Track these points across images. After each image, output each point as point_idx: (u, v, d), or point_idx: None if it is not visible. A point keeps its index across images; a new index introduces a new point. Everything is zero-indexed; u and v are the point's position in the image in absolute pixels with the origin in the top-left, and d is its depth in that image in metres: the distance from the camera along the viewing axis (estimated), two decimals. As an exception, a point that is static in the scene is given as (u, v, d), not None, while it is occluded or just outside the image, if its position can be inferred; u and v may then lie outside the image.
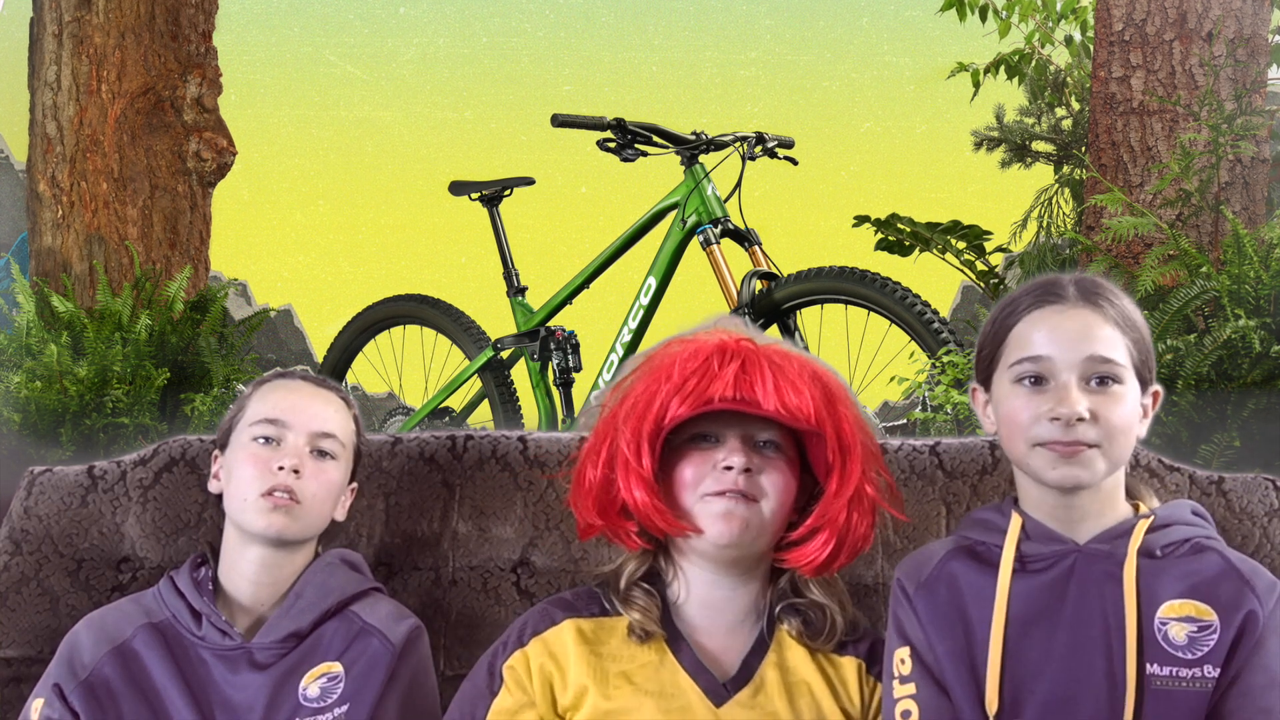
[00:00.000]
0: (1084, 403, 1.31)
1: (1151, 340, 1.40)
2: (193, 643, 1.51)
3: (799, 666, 1.39)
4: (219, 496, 1.58)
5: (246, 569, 1.54)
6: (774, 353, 1.38)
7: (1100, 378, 1.33)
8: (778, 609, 1.42)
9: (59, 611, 1.68)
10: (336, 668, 1.49)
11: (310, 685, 1.48)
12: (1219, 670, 1.29)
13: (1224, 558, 1.36)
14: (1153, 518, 1.37)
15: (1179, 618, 1.31)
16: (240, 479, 1.52)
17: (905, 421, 3.00)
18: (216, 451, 1.60)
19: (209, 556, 1.58)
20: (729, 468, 1.36)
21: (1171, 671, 1.30)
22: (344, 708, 1.46)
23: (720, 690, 1.37)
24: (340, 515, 1.60)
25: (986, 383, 1.43)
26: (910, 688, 1.36)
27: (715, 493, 1.36)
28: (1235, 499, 1.64)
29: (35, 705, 1.47)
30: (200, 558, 1.58)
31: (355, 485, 1.63)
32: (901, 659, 1.38)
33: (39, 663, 1.59)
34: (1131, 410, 1.35)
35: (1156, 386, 1.40)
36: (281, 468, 1.50)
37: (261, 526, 1.50)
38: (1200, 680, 1.29)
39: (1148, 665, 1.30)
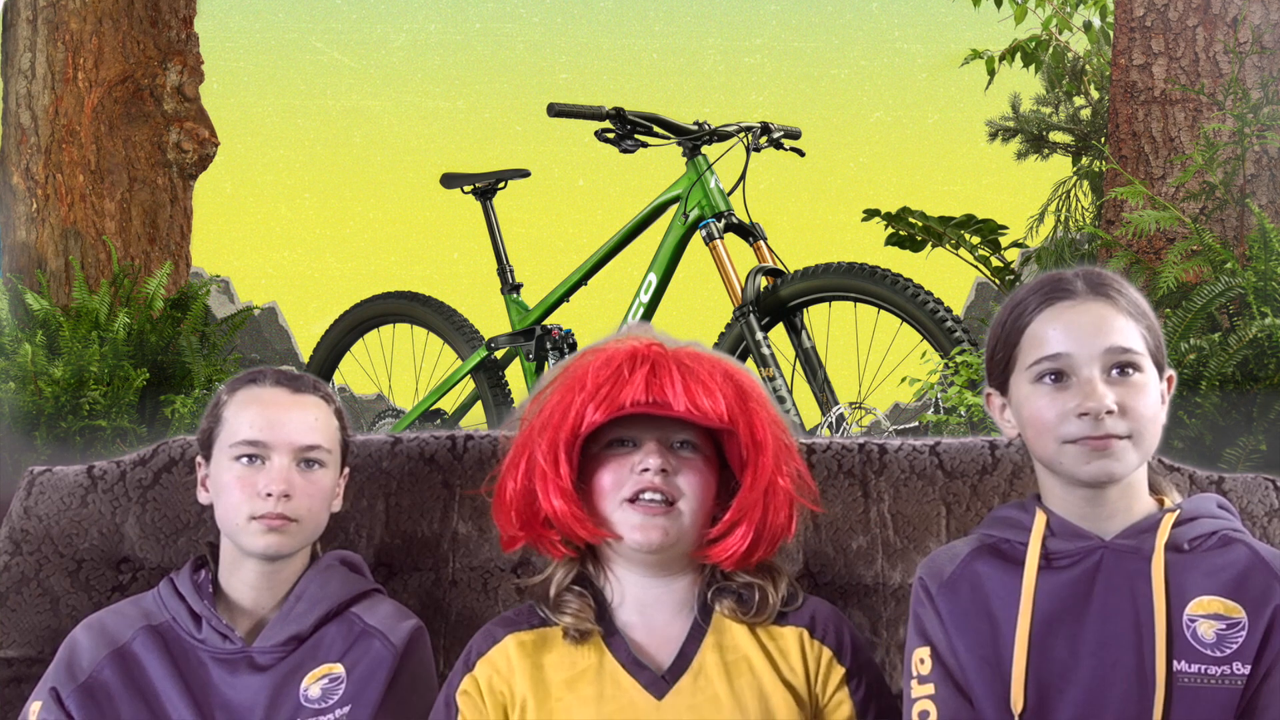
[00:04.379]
0: (1110, 395, 1.36)
1: (1162, 330, 1.45)
2: (192, 645, 1.56)
3: (738, 643, 1.48)
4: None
5: (245, 576, 1.59)
6: (685, 355, 1.48)
7: (1121, 368, 1.38)
8: (710, 594, 1.50)
9: (59, 612, 1.74)
10: (338, 669, 1.54)
11: (311, 686, 1.53)
12: (1249, 667, 1.34)
13: (1252, 550, 1.40)
14: (1179, 511, 1.42)
15: (1207, 615, 1.36)
16: (228, 502, 1.57)
17: (917, 424, 3.00)
18: (200, 458, 1.62)
19: (209, 559, 1.63)
20: (646, 470, 1.44)
21: (1200, 669, 1.34)
22: (345, 709, 1.52)
23: (660, 682, 1.45)
24: (336, 506, 1.65)
25: (1002, 387, 1.47)
26: (929, 688, 1.42)
27: (633, 497, 1.44)
28: (1235, 499, 1.68)
29: (33, 708, 1.52)
30: (200, 560, 1.63)
31: (347, 470, 1.68)
32: (921, 659, 1.44)
33: (39, 663, 1.65)
34: (1155, 398, 1.40)
35: (1170, 371, 1.45)
36: (270, 494, 1.54)
37: (260, 548, 1.55)
38: (1230, 678, 1.34)
39: (1175, 662, 1.34)
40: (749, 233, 3.15)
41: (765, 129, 3.26)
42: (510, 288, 3.61)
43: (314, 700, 1.52)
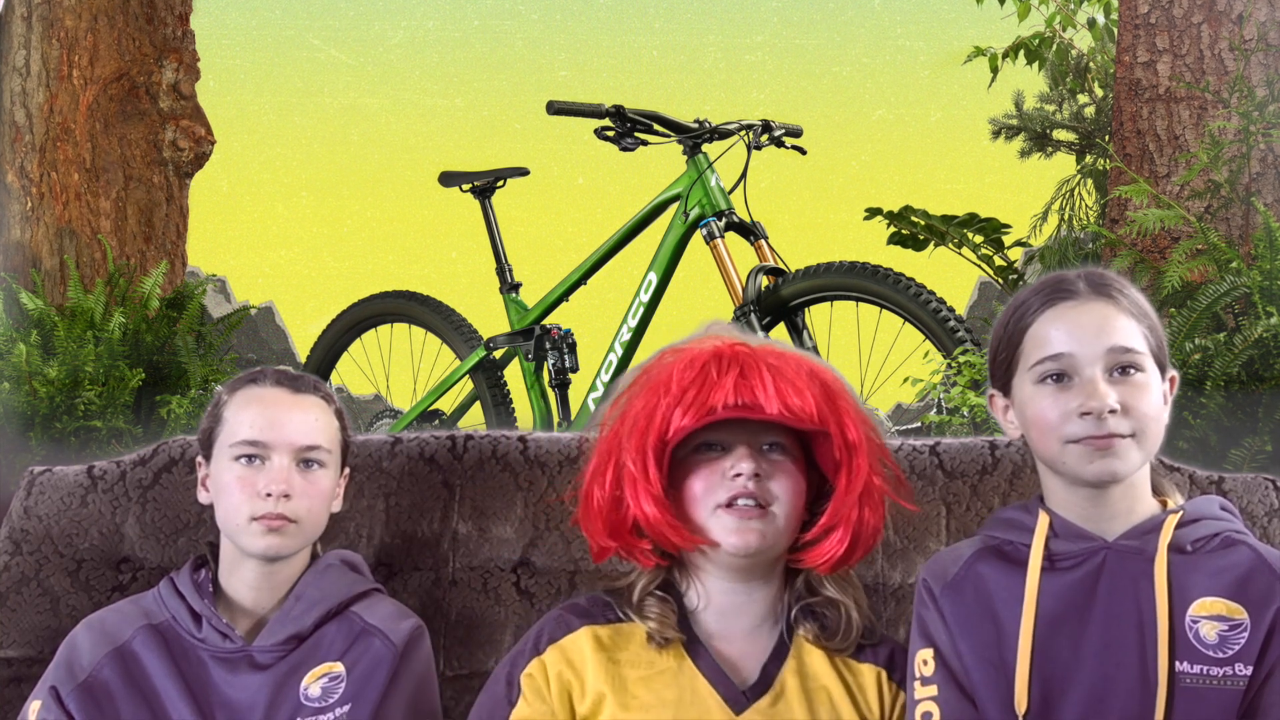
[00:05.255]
0: (1113, 395, 1.38)
1: (1165, 330, 1.46)
2: (192, 644, 1.57)
3: (819, 673, 1.46)
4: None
5: (245, 576, 1.61)
6: (770, 354, 1.45)
7: (1123, 368, 1.40)
8: (794, 612, 1.49)
9: (59, 612, 1.76)
10: (338, 668, 1.56)
11: (312, 685, 1.55)
12: (1251, 668, 1.35)
13: (1255, 552, 1.42)
14: (1182, 513, 1.44)
15: (1210, 616, 1.38)
16: (228, 503, 1.59)
17: (920, 425, 3.01)
18: (200, 459, 1.63)
19: (209, 558, 1.64)
20: (738, 475, 1.42)
21: (1202, 670, 1.36)
22: (346, 708, 1.53)
23: (740, 698, 1.44)
24: (337, 507, 1.66)
25: (1005, 387, 1.49)
26: (932, 689, 1.44)
27: (727, 503, 1.43)
28: (1235, 499, 1.70)
29: (33, 708, 1.54)
30: (200, 559, 1.64)
31: (348, 470, 1.69)
32: (924, 660, 1.45)
33: (39, 663, 1.67)
34: (1157, 398, 1.42)
35: (1173, 372, 1.47)
36: (269, 494, 1.55)
37: (260, 549, 1.57)
38: (1232, 679, 1.35)
39: (1178, 663, 1.36)
40: (750, 231, 3.16)
41: (766, 127, 3.26)
42: (509, 287, 3.61)
43: (314, 699, 1.53)
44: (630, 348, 3.25)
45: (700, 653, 1.46)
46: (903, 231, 4.10)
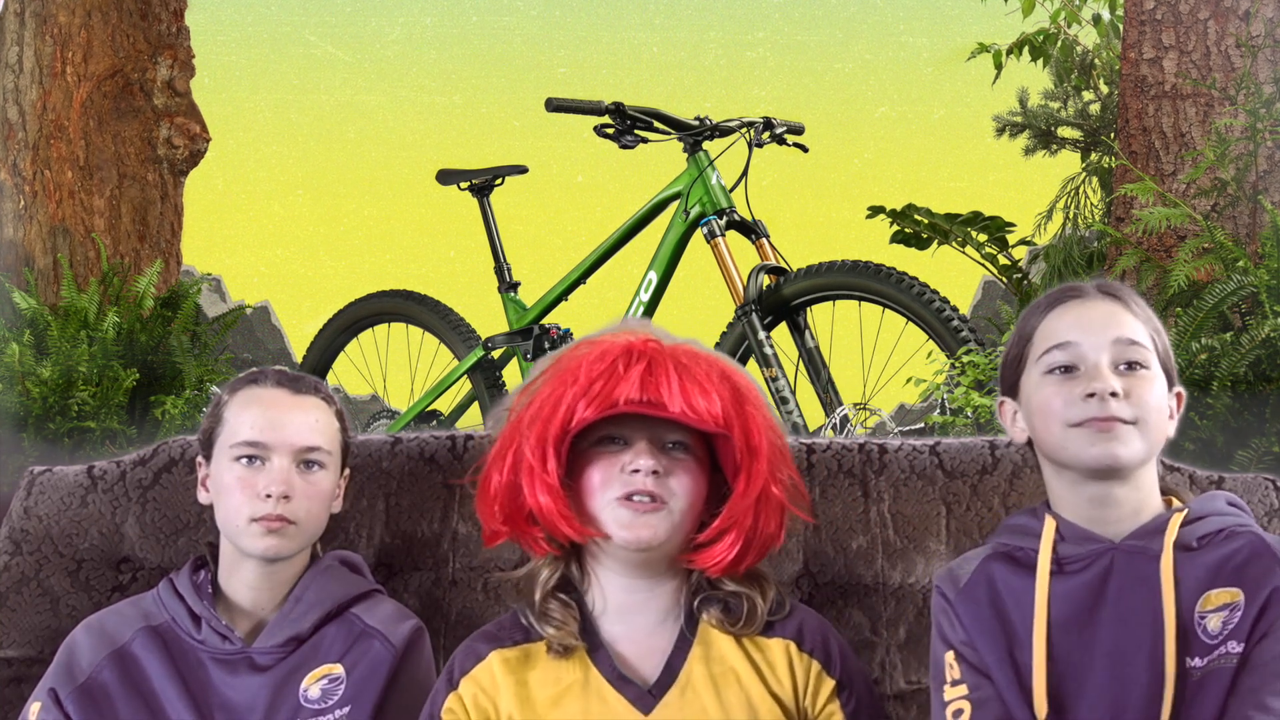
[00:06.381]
0: (1117, 382, 1.42)
1: (1172, 336, 1.48)
2: (192, 646, 1.59)
3: (725, 655, 1.48)
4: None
5: (245, 577, 1.62)
6: (682, 353, 1.47)
7: (1129, 363, 1.44)
8: (696, 602, 1.50)
9: (59, 612, 1.77)
10: (338, 669, 1.57)
11: (311, 686, 1.57)
12: (1243, 645, 1.38)
13: (1259, 539, 1.44)
14: (1187, 511, 1.47)
15: (1215, 608, 1.40)
16: (228, 504, 1.60)
17: (923, 425, 3.02)
18: (200, 459, 1.65)
19: (209, 559, 1.66)
20: (636, 470, 1.43)
21: (1207, 661, 1.38)
22: (345, 709, 1.55)
23: (646, 697, 1.45)
24: (337, 507, 1.67)
25: (1014, 389, 1.52)
26: (962, 689, 1.46)
27: (623, 496, 1.43)
28: (1235, 499, 1.70)
29: (33, 709, 1.56)
30: (200, 560, 1.66)
31: (348, 471, 1.71)
32: (949, 663, 1.48)
33: (39, 663, 1.69)
34: (1161, 395, 1.45)
35: (1180, 388, 1.50)
36: (269, 495, 1.57)
37: (259, 549, 1.58)
38: (1225, 657, 1.38)
39: (1187, 659, 1.38)
40: (751, 230, 3.17)
41: (768, 124, 3.27)
42: (508, 286, 3.62)
43: (314, 700, 1.55)
44: (630, 347, 3.25)
45: (603, 659, 1.47)
46: (906, 230, 4.11)
